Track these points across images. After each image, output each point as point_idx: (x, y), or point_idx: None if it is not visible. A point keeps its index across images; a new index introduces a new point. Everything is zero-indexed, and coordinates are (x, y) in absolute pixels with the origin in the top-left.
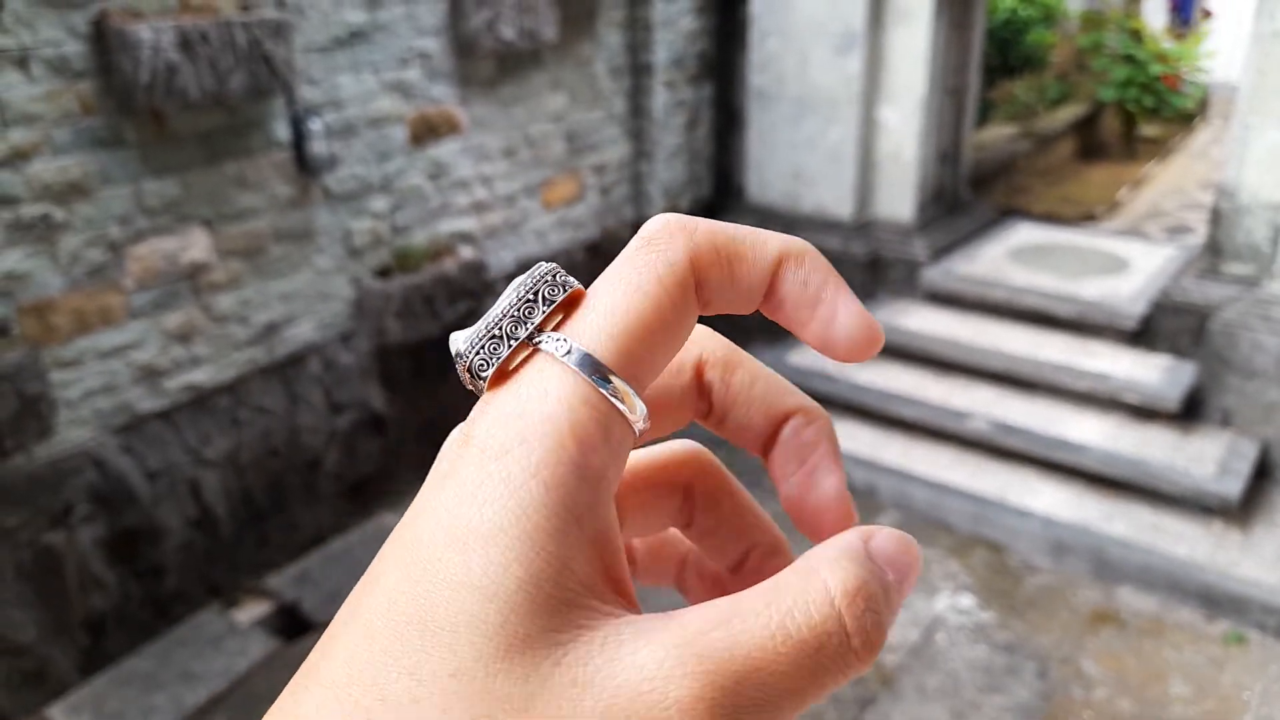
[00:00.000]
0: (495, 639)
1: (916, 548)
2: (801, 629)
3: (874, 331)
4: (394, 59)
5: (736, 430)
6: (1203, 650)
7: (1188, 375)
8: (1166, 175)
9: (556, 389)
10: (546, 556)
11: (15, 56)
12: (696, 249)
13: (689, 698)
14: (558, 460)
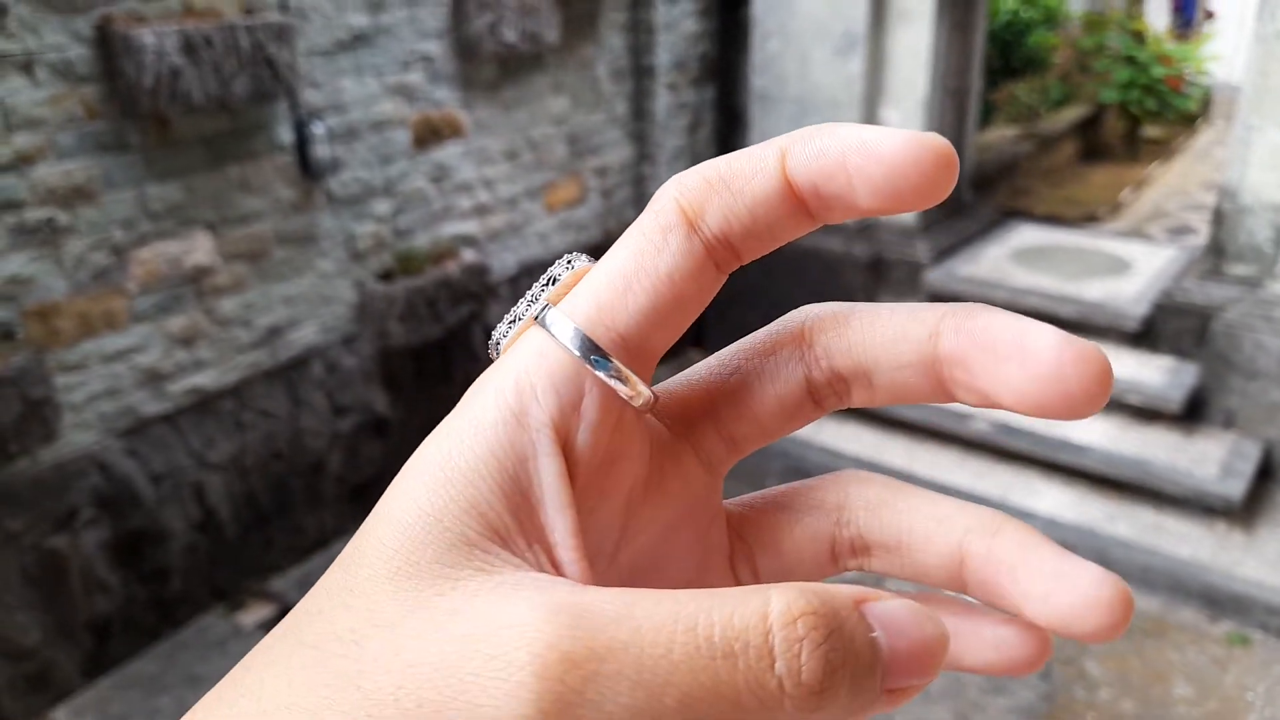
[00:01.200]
0: (389, 563)
1: (941, 636)
2: (714, 627)
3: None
4: (396, 62)
5: (892, 390)
6: (1206, 651)
7: (1190, 376)
8: (1169, 176)
9: (521, 346)
10: (454, 494)
11: (20, 61)
12: (681, 186)
13: (528, 657)
14: (495, 405)
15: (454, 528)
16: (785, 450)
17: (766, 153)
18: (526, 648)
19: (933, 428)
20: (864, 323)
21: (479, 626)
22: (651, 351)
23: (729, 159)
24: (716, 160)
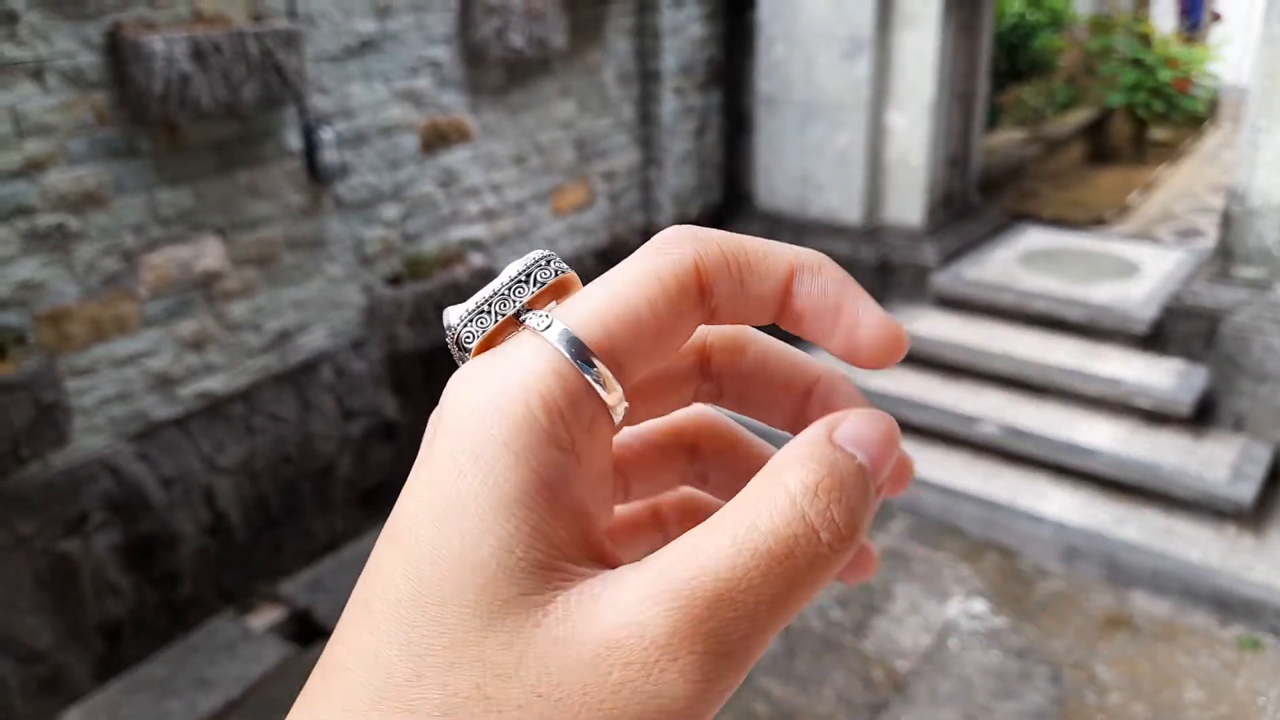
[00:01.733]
0: (478, 607)
1: (891, 424)
2: (767, 539)
3: (899, 337)
4: (404, 68)
5: (761, 410)
6: (1217, 655)
7: (1199, 379)
8: (1176, 179)
9: (530, 359)
10: (517, 523)
11: (31, 68)
12: (703, 256)
13: (664, 634)
14: (528, 429)
15: (526, 555)
16: None
17: (779, 264)
18: (653, 645)
19: (940, 431)
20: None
21: (597, 641)
22: (629, 381)
23: (745, 247)
24: (733, 240)
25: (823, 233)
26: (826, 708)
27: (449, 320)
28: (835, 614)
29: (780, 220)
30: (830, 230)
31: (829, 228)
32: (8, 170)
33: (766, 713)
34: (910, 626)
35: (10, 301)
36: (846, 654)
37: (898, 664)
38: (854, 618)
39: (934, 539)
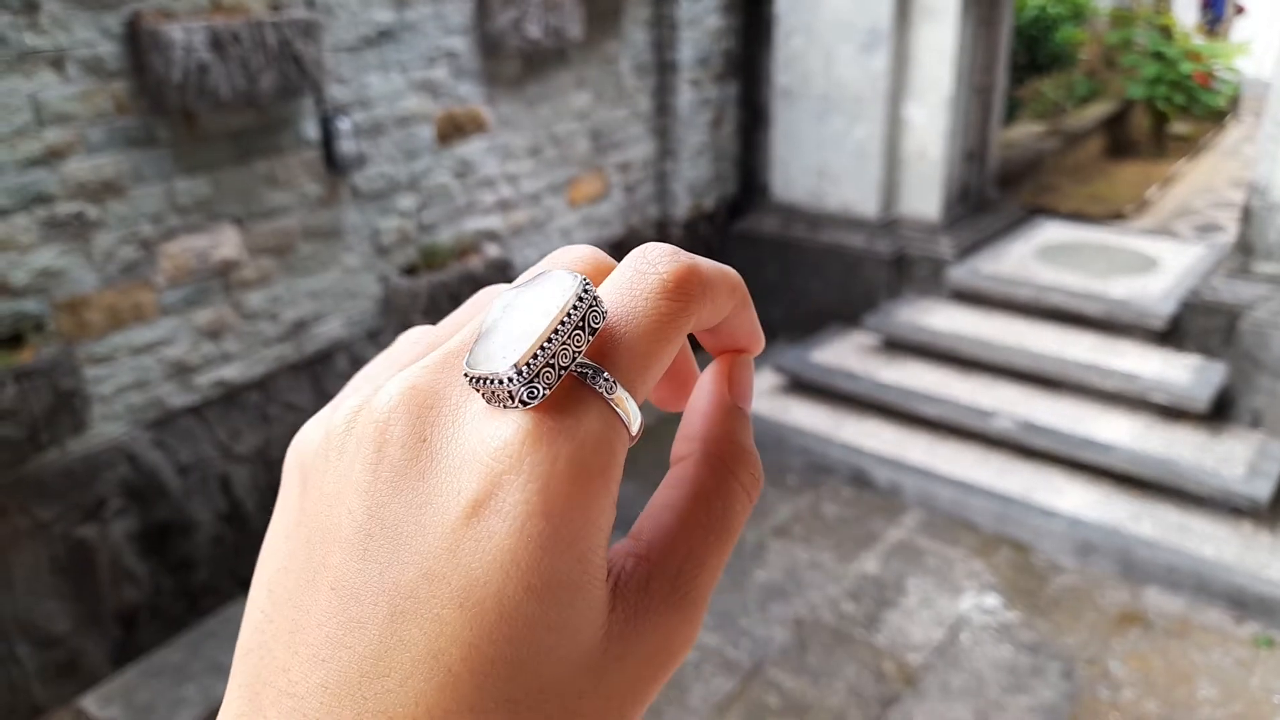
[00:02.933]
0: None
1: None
2: (730, 529)
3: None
4: (421, 58)
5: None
6: (1231, 652)
7: (1217, 375)
8: (1196, 173)
9: (612, 438)
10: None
11: (51, 57)
12: (701, 276)
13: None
14: (604, 491)
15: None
16: (807, 447)
17: (736, 295)
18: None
19: (955, 425)
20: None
21: (658, 641)
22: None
23: (726, 274)
24: (720, 267)
25: (838, 225)
26: (838, 700)
27: (494, 368)
28: (847, 607)
29: (796, 213)
30: (846, 223)
31: (845, 221)
32: (28, 158)
33: (778, 705)
34: (922, 620)
35: (30, 289)
36: (858, 647)
37: (909, 657)
38: (866, 611)
39: (947, 533)
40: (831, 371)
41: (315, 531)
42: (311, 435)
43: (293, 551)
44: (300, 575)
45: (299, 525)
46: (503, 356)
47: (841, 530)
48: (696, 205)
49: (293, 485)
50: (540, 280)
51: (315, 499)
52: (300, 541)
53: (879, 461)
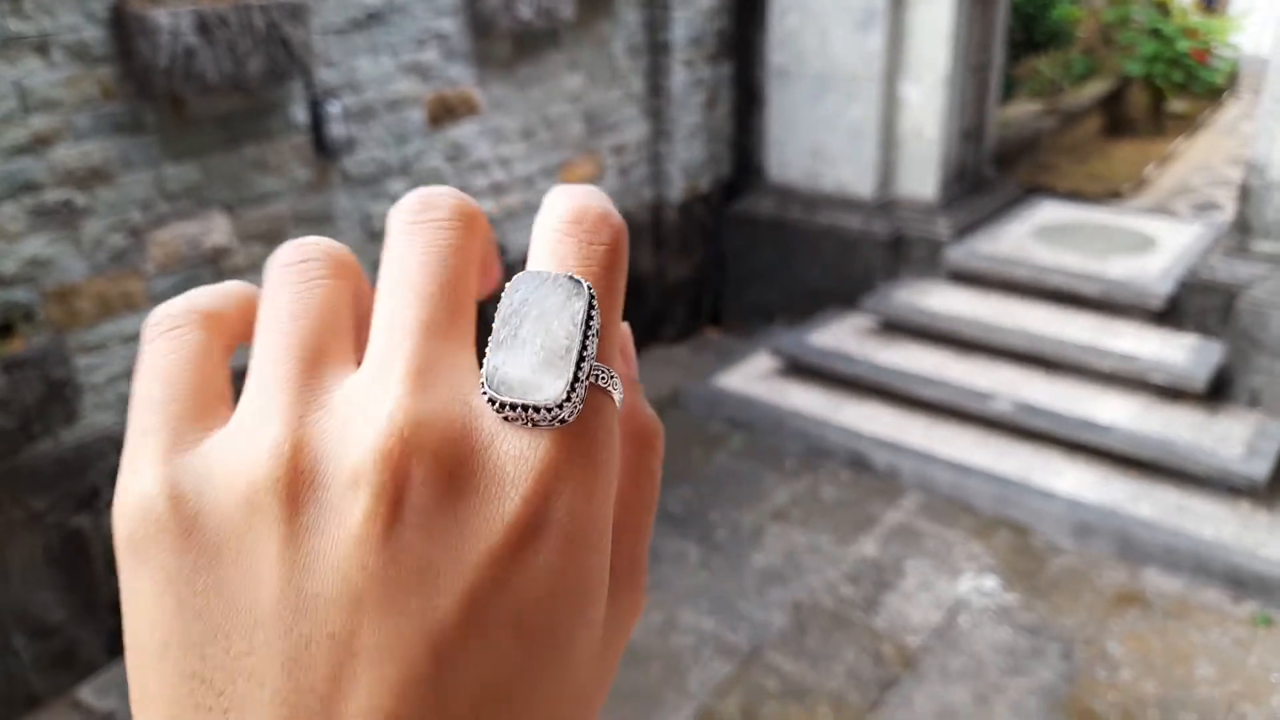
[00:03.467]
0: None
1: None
2: (655, 498)
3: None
4: (411, 40)
5: None
6: (1229, 632)
7: (1215, 355)
8: (1194, 151)
9: (616, 428)
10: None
11: (35, 42)
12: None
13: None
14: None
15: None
16: (805, 431)
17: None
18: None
19: (953, 407)
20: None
21: (622, 619)
22: None
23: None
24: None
25: (834, 206)
26: (837, 684)
27: (545, 397)
28: (846, 590)
29: (791, 194)
30: (842, 204)
31: (841, 201)
32: (14, 146)
33: (777, 688)
34: (921, 603)
35: (19, 278)
36: (857, 630)
37: (908, 640)
38: (864, 594)
39: (946, 515)
40: (829, 354)
41: (283, 605)
42: (206, 492)
43: (249, 632)
44: (284, 654)
45: (231, 602)
46: (549, 382)
47: (840, 513)
48: (691, 187)
49: (175, 561)
50: (543, 283)
51: (275, 565)
52: (266, 618)
53: (877, 444)
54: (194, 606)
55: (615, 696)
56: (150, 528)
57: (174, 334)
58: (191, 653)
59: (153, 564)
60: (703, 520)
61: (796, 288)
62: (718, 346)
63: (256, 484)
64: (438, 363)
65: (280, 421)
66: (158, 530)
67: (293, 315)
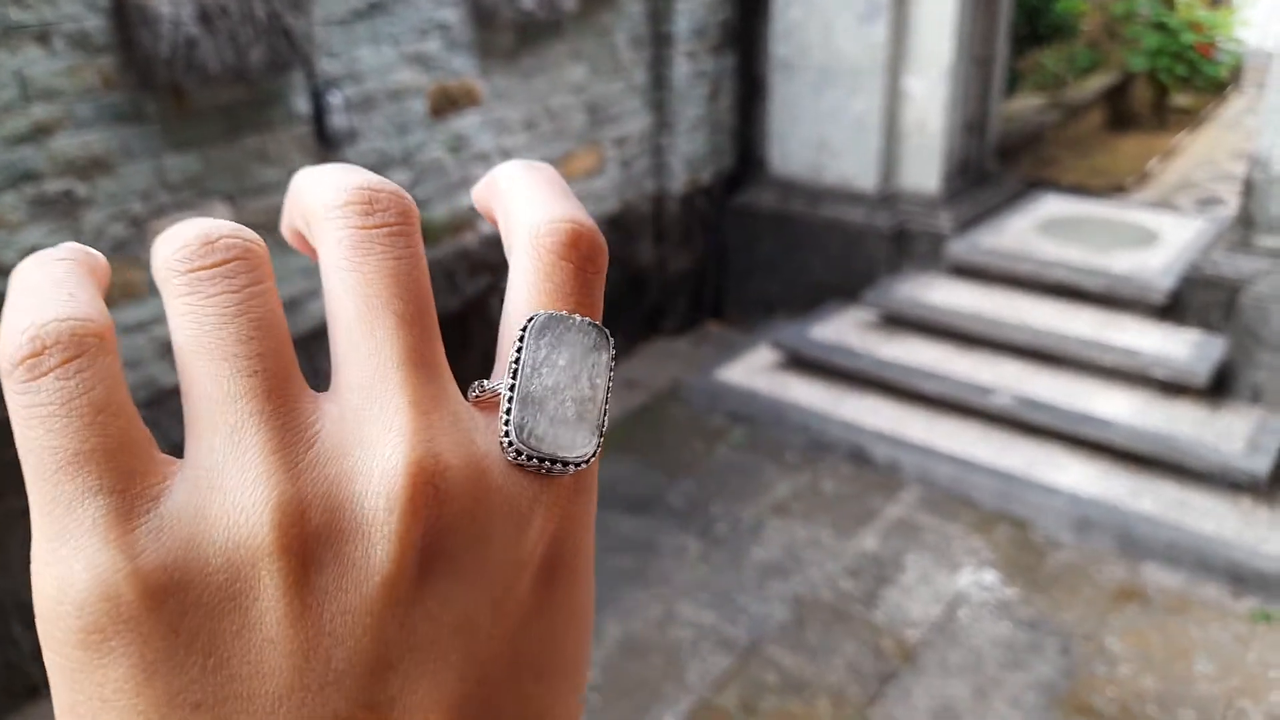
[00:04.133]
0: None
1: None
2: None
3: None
4: (413, 30)
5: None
6: (1229, 628)
7: (1217, 350)
8: (1198, 146)
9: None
10: None
11: (36, 32)
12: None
13: None
14: None
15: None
16: (806, 424)
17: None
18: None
19: (954, 401)
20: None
21: None
22: None
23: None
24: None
25: (837, 199)
26: (836, 677)
27: (579, 453)
28: (845, 584)
29: (794, 187)
30: (845, 197)
31: (843, 194)
32: (15, 136)
33: (776, 682)
34: (921, 597)
35: None
36: (856, 624)
37: (908, 634)
38: (864, 588)
39: (946, 510)
40: (830, 348)
41: (308, 679)
42: (191, 565)
43: (267, 715)
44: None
45: (238, 685)
46: (581, 440)
47: (840, 507)
48: (693, 179)
49: (159, 648)
50: (569, 329)
51: (290, 637)
52: (287, 697)
53: (878, 438)
54: (191, 698)
55: (614, 690)
56: (117, 618)
57: (78, 363)
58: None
59: (124, 658)
60: (703, 514)
61: (798, 281)
62: (719, 339)
63: (259, 549)
64: (433, 396)
65: (271, 472)
66: (129, 619)
67: (240, 337)
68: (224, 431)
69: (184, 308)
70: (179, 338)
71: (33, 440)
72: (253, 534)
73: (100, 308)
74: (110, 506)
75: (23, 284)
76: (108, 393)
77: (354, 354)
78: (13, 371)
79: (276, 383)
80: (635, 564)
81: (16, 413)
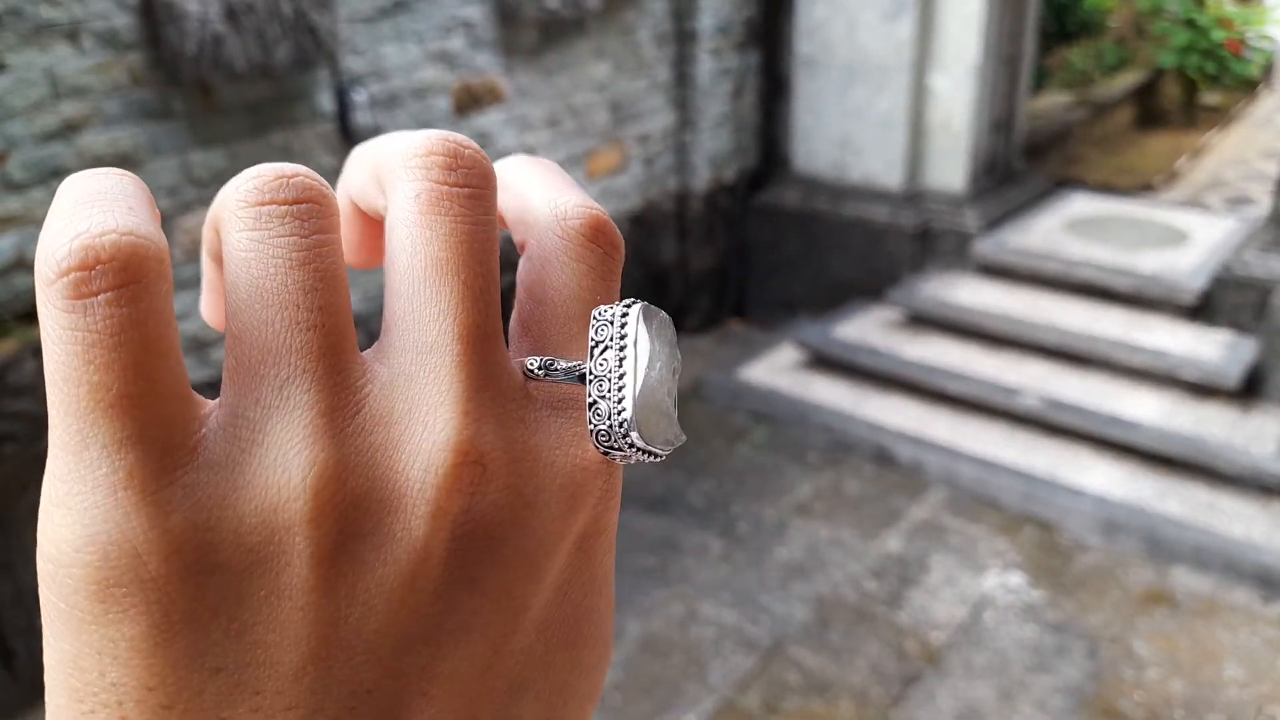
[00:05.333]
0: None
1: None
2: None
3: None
4: (438, 28)
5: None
6: (1258, 632)
7: (1249, 352)
8: (1228, 144)
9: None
10: None
11: (66, 29)
12: None
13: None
14: None
15: None
16: (829, 424)
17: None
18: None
19: (980, 402)
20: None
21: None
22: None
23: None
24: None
25: (862, 198)
26: (859, 679)
27: (658, 446)
28: (869, 585)
29: (818, 185)
30: (869, 195)
31: (868, 193)
32: (45, 132)
33: (798, 682)
34: (945, 599)
35: None
36: (880, 625)
37: (932, 636)
38: (888, 589)
39: (971, 511)
40: (854, 347)
41: (339, 648)
42: (224, 524)
43: (291, 683)
44: (340, 703)
45: (263, 651)
46: (675, 429)
47: (864, 508)
48: (716, 177)
49: (183, 606)
50: (646, 317)
51: (324, 604)
52: (315, 664)
53: (902, 439)
54: (211, 662)
55: (635, 688)
56: (142, 575)
57: (134, 289)
58: (205, 717)
59: (144, 615)
60: (725, 513)
61: (822, 279)
62: (741, 338)
63: (296, 514)
64: (491, 374)
65: (317, 435)
66: (155, 577)
67: (304, 286)
68: (273, 385)
69: (248, 242)
70: (236, 275)
71: (69, 369)
72: (292, 498)
73: (161, 233)
74: (147, 458)
75: (75, 190)
76: (161, 329)
77: (414, 318)
78: (55, 282)
79: (333, 340)
80: (656, 563)
81: (51, 331)
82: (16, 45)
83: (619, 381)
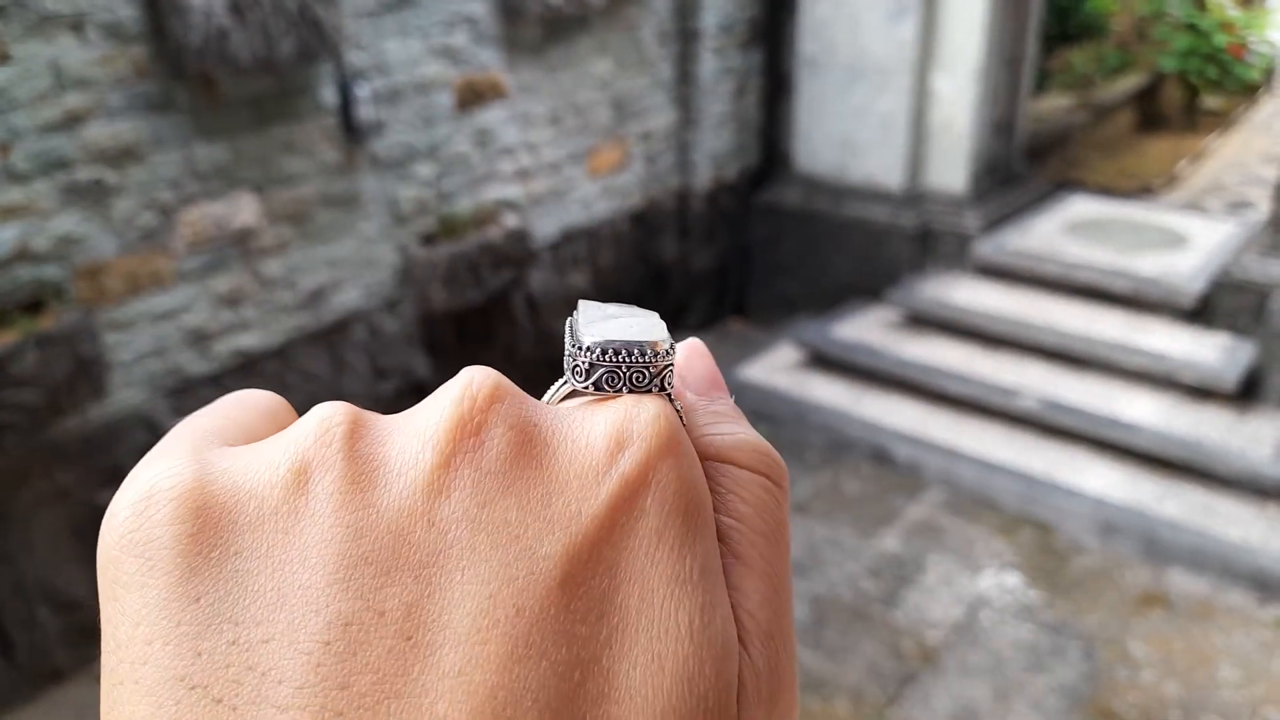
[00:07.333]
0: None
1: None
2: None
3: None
4: (441, 24)
5: None
6: (1253, 635)
7: (1247, 355)
8: (1228, 148)
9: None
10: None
11: (70, 21)
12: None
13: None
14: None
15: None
16: (827, 423)
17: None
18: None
19: (978, 403)
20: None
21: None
22: None
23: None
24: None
25: (863, 198)
26: (855, 678)
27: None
28: (866, 584)
29: (818, 185)
30: (870, 196)
31: (869, 193)
32: (48, 124)
33: None
34: (942, 598)
35: (50, 255)
36: (876, 625)
37: (928, 636)
38: (884, 588)
39: (969, 511)
40: (853, 347)
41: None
42: (244, 475)
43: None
44: (321, 636)
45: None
46: (654, 331)
47: (861, 507)
48: (718, 176)
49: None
50: (634, 310)
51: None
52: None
53: (900, 439)
54: (191, 590)
55: None
56: (166, 513)
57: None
58: (182, 649)
59: (163, 555)
60: None
61: (822, 279)
62: (741, 337)
63: (307, 453)
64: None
65: (331, 408)
66: (175, 518)
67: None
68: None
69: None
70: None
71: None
72: (302, 443)
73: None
74: (188, 441)
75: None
76: (250, 405)
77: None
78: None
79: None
80: None
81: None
82: (21, 36)
83: (570, 345)
